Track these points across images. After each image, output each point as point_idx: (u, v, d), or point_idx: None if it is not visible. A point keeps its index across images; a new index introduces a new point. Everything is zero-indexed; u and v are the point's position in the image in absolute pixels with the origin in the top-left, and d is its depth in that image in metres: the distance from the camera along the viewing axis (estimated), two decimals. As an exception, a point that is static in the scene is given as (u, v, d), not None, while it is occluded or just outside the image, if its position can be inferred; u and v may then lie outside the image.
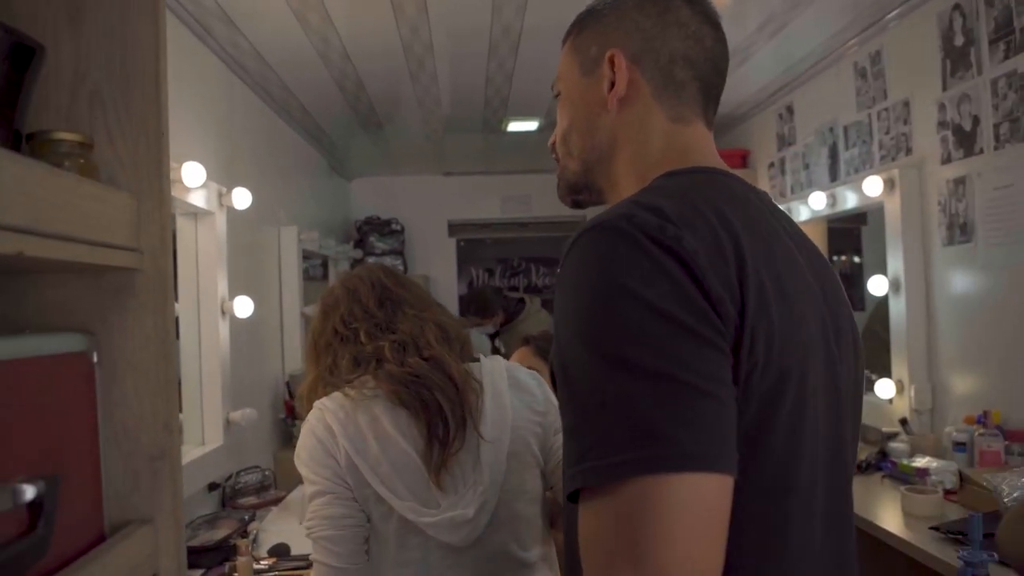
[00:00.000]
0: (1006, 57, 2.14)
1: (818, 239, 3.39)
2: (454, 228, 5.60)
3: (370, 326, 1.27)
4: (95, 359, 0.70)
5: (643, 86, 0.80)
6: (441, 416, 1.16)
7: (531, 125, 4.12)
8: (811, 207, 3.09)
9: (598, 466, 0.56)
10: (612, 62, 0.80)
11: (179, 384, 2.30)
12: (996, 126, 2.20)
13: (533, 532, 1.23)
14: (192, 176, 2.03)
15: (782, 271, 0.67)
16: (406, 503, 1.14)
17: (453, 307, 5.54)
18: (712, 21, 0.82)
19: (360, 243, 5.07)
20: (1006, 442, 2.12)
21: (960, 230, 2.37)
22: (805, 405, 0.65)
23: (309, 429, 1.19)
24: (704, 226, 0.63)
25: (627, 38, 0.80)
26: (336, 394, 1.21)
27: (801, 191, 3.41)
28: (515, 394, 1.26)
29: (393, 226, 5.17)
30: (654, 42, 0.79)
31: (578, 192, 0.88)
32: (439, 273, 5.52)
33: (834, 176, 3.15)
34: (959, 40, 2.33)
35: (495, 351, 4.30)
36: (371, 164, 5.12)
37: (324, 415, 1.19)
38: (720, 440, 0.57)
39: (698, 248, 0.61)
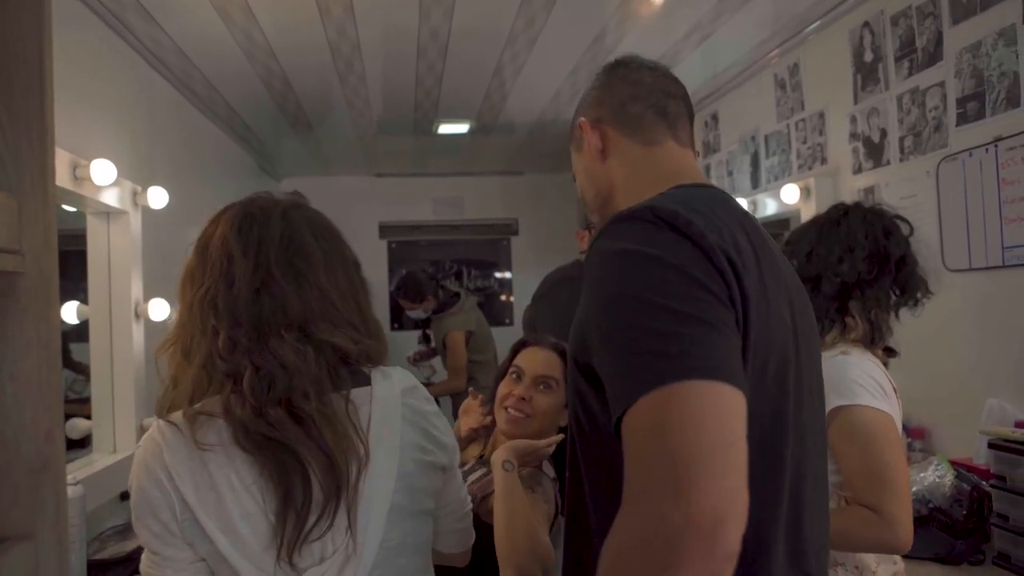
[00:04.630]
0: (909, 74, 2.25)
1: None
2: (385, 230, 5.54)
3: (231, 326, 0.95)
4: (-33, 367, 0.66)
5: (611, 133, 1.01)
6: (304, 490, 0.90)
7: (462, 128, 4.12)
8: (733, 213, 3.18)
9: (643, 380, 0.67)
10: (581, 130, 1.03)
11: (86, 389, 2.21)
12: (901, 139, 2.31)
13: None
14: (102, 174, 1.95)
15: (762, 259, 0.81)
16: (264, 571, 0.90)
17: (383, 313, 5.48)
18: (650, 67, 1.03)
19: (289, 244, 4.97)
20: (908, 439, 2.22)
21: (870, 237, 2.47)
22: (786, 371, 0.81)
23: (140, 462, 0.91)
24: (705, 218, 0.78)
25: (588, 108, 1.05)
26: (179, 418, 0.92)
27: (725, 198, 3.51)
28: (409, 428, 1.02)
29: (323, 227, 5.09)
30: (604, 98, 1.03)
31: None
32: (370, 275, 5.27)
33: (756, 183, 3.25)
34: (868, 56, 2.44)
35: (425, 339, 4.29)
36: (301, 164, 5.03)
37: (161, 451, 0.90)
38: (737, 365, 0.71)
39: (704, 231, 0.76)
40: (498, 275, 5.72)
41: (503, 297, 5.70)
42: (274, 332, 0.95)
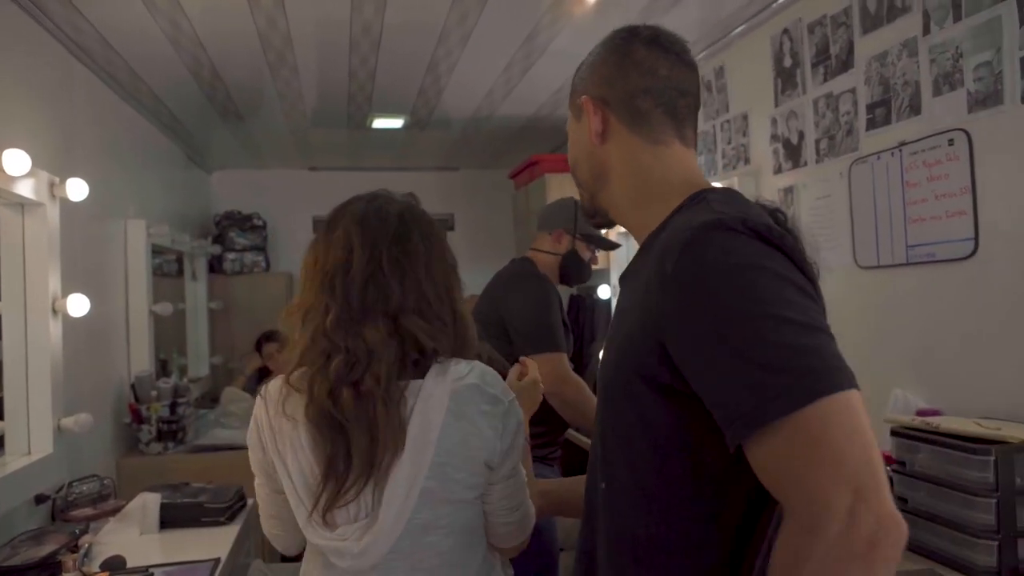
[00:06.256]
0: (824, 80, 2.35)
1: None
2: (319, 224, 5.45)
3: (342, 307, 1.12)
4: None
5: (615, 122, 0.99)
6: (345, 463, 1.08)
7: (396, 123, 4.10)
8: (662, 211, 3.26)
9: (791, 396, 0.70)
10: (583, 107, 1.01)
11: None
12: (817, 141, 2.41)
13: (446, 562, 1.14)
14: (14, 164, 1.88)
15: None
16: (311, 518, 1.10)
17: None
18: (671, 52, 0.99)
19: (219, 238, 4.86)
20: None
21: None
22: None
23: (256, 406, 1.18)
24: (780, 229, 0.83)
25: (595, 85, 1.01)
26: (279, 381, 1.15)
27: (655, 196, 3.59)
28: (456, 423, 1.12)
29: (255, 221, 4.98)
30: (615, 84, 0.99)
31: (593, 216, 1.08)
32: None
33: (684, 182, 3.33)
34: (788, 61, 2.54)
35: None
36: (233, 156, 4.91)
37: (265, 402, 1.16)
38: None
39: (794, 244, 0.81)
40: (434, 270, 5.70)
41: (439, 292, 5.69)
42: (372, 318, 1.11)
